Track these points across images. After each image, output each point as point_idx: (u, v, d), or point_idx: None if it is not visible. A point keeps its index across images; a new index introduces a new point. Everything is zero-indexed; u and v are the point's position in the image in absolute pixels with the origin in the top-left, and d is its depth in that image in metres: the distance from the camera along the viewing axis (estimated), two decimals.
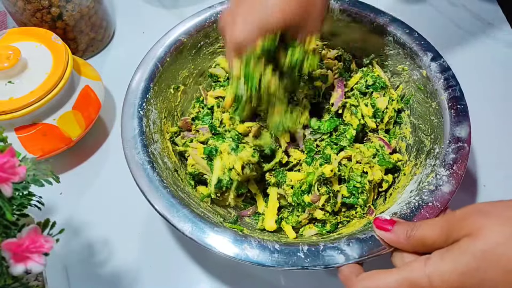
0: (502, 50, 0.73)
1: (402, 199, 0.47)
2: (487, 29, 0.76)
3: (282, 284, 0.52)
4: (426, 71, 0.54)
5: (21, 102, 0.53)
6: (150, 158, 0.48)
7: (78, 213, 0.58)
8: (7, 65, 0.54)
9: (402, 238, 0.38)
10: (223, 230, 0.43)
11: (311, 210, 0.50)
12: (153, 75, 0.55)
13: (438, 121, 0.51)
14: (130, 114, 0.52)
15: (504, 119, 0.65)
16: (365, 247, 0.41)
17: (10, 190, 0.31)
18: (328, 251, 0.41)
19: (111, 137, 0.66)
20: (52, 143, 0.57)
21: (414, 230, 0.37)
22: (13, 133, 0.55)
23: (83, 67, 0.63)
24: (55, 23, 0.68)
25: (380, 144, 0.55)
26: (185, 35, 0.58)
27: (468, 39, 0.75)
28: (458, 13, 0.79)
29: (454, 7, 0.80)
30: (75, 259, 0.54)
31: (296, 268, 0.41)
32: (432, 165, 0.48)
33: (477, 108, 0.64)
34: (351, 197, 0.51)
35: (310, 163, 0.53)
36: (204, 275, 0.53)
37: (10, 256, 0.31)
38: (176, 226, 0.44)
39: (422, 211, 0.43)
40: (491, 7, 0.79)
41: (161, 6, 0.83)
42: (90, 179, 0.61)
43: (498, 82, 0.69)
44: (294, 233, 0.50)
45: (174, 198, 0.46)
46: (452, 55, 0.72)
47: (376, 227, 0.41)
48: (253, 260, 0.41)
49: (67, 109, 0.58)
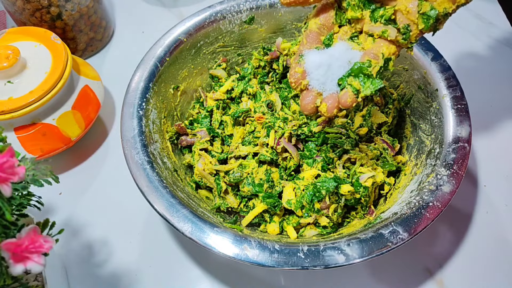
0: (502, 50, 0.73)
1: (403, 199, 0.47)
2: (487, 29, 0.76)
3: (282, 284, 0.52)
4: (426, 70, 0.54)
5: (20, 102, 0.53)
6: (149, 158, 0.48)
7: (78, 213, 0.58)
8: (6, 64, 0.53)
9: None
10: (223, 230, 0.43)
11: (318, 216, 0.50)
12: (152, 75, 0.55)
13: (439, 121, 0.51)
14: (129, 114, 0.51)
15: (505, 119, 0.65)
16: (365, 247, 0.41)
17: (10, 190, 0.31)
18: (328, 251, 0.41)
19: (111, 137, 0.66)
20: (52, 143, 0.57)
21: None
22: (13, 133, 0.55)
23: (83, 66, 0.63)
24: (54, 22, 0.67)
25: (384, 146, 0.55)
26: (185, 35, 0.58)
27: (468, 39, 0.75)
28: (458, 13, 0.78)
29: None
30: (74, 259, 0.54)
31: (296, 268, 0.41)
32: (432, 165, 0.48)
33: (478, 108, 0.64)
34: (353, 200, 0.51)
35: (311, 165, 0.53)
36: (204, 275, 0.53)
37: (9, 256, 0.31)
38: (176, 226, 0.44)
39: (423, 211, 0.43)
40: (491, 7, 0.79)
41: (161, 6, 0.83)
42: (89, 179, 0.61)
43: (498, 82, 0.69)
44: (295, 234, 0.50)
45: (174, 198, 0.45)
46: (452, 55, 0.72)
47: None
48: (253, 260, 0.41)
49: (66, 109, 0.58)
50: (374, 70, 0.39)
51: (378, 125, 0.58)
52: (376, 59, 0.39)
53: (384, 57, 0.39)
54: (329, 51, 0.41)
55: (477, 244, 0.54)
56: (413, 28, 0.39)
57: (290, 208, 0.50)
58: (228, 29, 0.61)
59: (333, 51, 0.41)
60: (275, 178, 0.53)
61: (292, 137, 0.54)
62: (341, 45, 0.41)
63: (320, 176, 0.52)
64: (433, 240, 0.54)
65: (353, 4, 0.40)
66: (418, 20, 0.39)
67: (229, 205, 0.53)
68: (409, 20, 0.39)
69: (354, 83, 0.38)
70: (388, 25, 0.39)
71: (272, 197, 0.51)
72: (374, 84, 0.38)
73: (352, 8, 0.40)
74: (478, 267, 0.53)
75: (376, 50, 0.39)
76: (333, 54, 0.40)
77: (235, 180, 0.53)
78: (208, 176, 0.54)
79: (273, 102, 0.58)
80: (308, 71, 0.41)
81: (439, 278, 0.52)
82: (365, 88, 0.38)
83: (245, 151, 0.55)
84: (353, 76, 0.39)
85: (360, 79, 0.38)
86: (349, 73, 0.39)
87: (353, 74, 0.39)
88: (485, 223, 0.56)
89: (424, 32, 0.40)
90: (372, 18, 0.40)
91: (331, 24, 0.42)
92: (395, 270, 0.52)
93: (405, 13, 0.39)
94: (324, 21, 0.42)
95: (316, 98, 0.40)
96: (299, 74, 0.41)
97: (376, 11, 0.40)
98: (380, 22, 0.40)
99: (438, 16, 0.38)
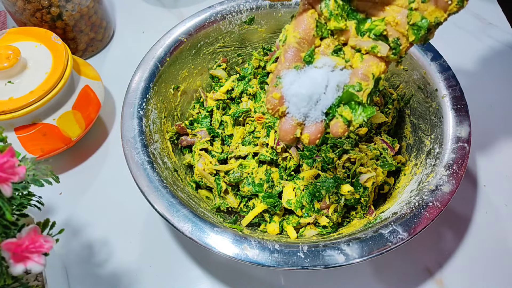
0: (502, 50, 0.73)
1: (402, 199, 0.47)
2: (487, 29, 0.76)
3: (282, 284, 0.52)
4: (426, 71, 0.54)
5: (20, 102, 0.53)
6: (149, 158, 0.48)
7: (78, 213, 0.58)
8: (6, 65, 0.53)
9: None
10: (223, 230, 0.43)
11: (318, 216, 0.50)
12: (153, 75, 0.55)
13: (438, 121, 0.51)
14: (130, 114, 0.52)
15: (504, 119, 0.65)
16: (365, 247, 0.41)
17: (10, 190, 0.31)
18: (328, 251, 0.41)
19: (111, 137, 0.66)
20: (52, 143, 0.57)
21: None
22: (13, 133, 0.55)
23: (83, 67, 0.63)
24: (54, 23, 0.68)
25: (384, 146, 0.55)
26: (185, 35, 0.58)
27: (468, 39, 0.75)
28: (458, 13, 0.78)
29: None
30: (75, 259, 0.54)
31: (296, 268, 0.41)
32: (432, 165, 0.48)
33: (477, 108, 0.64)
34: (353, 200, 0.51)
35: (311, 164, 0.53)
36: (204, 275, 0.53)
37: (9, 256, 0.31)
38: (176, 226, 0.44)
39: (422, 211, 0.43)
40: (491, 7, 0.79)
41: (161, 6, 0.83)
42: (90, 179, 0.61)
43: (498, 82, 0.69)
44: (295, 233, 0.50)
45: (174, 198, 0.46)
46: (452, 55, 0.72)
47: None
48: (253, 260, 0.41)
49: (66, 109, 0.58)
50: (365, 94, 0.35)
51: (378, 125, 0.58)
52: (367, 81, 0.35)
53: (374, 78, 0.36)
54: (311, 73, 0.36)
55: (477, 244, 0.54)
56: (403, 41, 0.36)
57: (290, 208, 0.50)
58: (228, 29, 0.61)
59: (316, 74, 0.36)
60: (275, 178, 0.53)
61: None
62: (324, 62, 0.36)
63: (320, 176, 0.52)
64: (433, 240, 0.54)
65: (336, 14, 0.36)
66: (408, 32, 0.35)
67: (229, 205, 0.53)
68: (399, 33, 0.36)
69: (345, 113, 0.35)
70: (378, 41, 0.35)
71: (272, 197, 0.51)
72: (366, 112, 0.35)
73: (335, 18, 0.36)
74: (478, 267, 0.53)
75: (365, 70, 0.36)
76: (315, 78, 0.36)
77: (235, 180, 0.53)
78: (208, 176, 0.54)
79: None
80: (287, 98, 0.36)
81: (439, 278, 0.52)
82: (357, 117, 0.35)
83: (245, 151, 0.55)
84: (343, 105, 0.35)
85: (350, 107, 0.35)
86: (339, 101, 0.35)
87: (343, 102, 0.35)
88: (485, 223, 0.56)
89: (413, 43, 0.36)
90: (359, 30, 0.36)
91: (311, 37, 0.37)
92: (395, 270, 0.52)
93: (393, 25, 0.35)
94: (304, 34, 0.37)
95: (296, 128, 0.36)
96: (276, 100, 0.36)
97: (362, 23, 0.36)
98: (369, 36, 0.36)
99: (430, 26, 0.35)
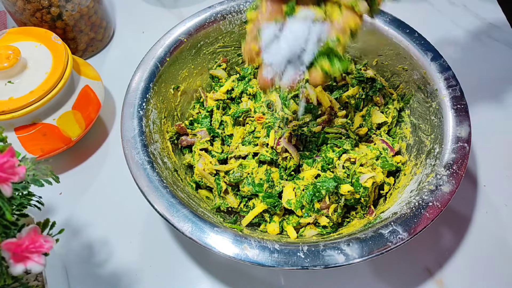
0: (502, 50, 0.73)
1: (402, 199, 0.47)
2: (487, 29, 0.76)
3: (282, 284, 0.52)
4: (426, 71, 0.54)
5: (20, 102, 0.53)
6: (149, 158, 0.48)
7: (78, 213, 0.58)
8: (6, 65, 0.53)
9: None
10: (223, 230, 0.43)
11: (318, 216, 0.50)
12: (153, 75, 0.55)
13: (438, 121, 0.51)
14: (130, 114, 0.52)
15: (504, 119, 0.65)
16: (365, 247, 0.41)
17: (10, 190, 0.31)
18: (328, 251, 0.41)
19: (111, 137, 0.66)
20: (52, 143, 0.57)
21: None
22: (13, 133, 0.55)
23: (83, 67, 0.63)
24: (54, 23, 0.68)
25: (384, 146, 0.55)
26: (185, 35, 0.58)
27: (468, 39, 0.75)
28: (458, 13, 0.79)
29: (454, 7, 0.80)
30: (75, 259, 0.54)
31: (296, 268, 0.41)
32: (432, 165, 0.48)
33: (477, 108, 0.64)
34: (353, 200, 0.51)
35: (311, 165, 0.53)
36: (204, 275, 0.53)
37: (9, 256, 0.31)
38: (176, 226, 0.44)
39: (422, 211, 0.43)
40: (491, 7, 0.79)
41: (161, 6, 0.83)
42: (89, 179, 0.61)
43: (498, 82, 0.69)
44: (295, 233, 0.50)
45: (174, 198, 0.46)
46: (452, 55, 0.72)
47: None
48: (253, 260, 0.41)
49: (66, 109, 0.58)
50: (342, 47, 0.38)
51: (378, 125, 0.58)
52: (344, 34, 0.38)
53: (351, 31, 0.38)
54: (292, 26, 0.38)
55: (477, 244, 0.54)
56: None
57: (290, 208, 0.50)
58: (228, 29, 0.61)
59: (297, 27, 0.38)
60: (275, 178, 0.53)
61: (292, 137, 0.54)
62: (305, 14, 0.38)
63: (320, 176, 0.52)
64: (433, 240, 0.54)
65: None
66: None
67: (229, 205, 0.53)
68: None
69: (324, 65, 0.38)
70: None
71: (272, 197, 0.51)
72: (343, 65, 0.38)
73: None
74: (478, 267, 0.53)
75: (344, 23, 0.37)
76: (296, 31, 0.38)
77: (235, 180, 0.53)
78: (208, 176, 0.54)
79: (273, 102, 0.58)
80: (265, 51, 0.39)
81: (439, 278, 0.52)
82: (334, 69, 0.38)
83: (245, 151, 0.55)
84: (322, 56, 0.38)
85: (329, 59, 0.38)
86: (319, 53, 0.38)
87: (322, 54, 0.38)
88: (485, 223, 0.56)
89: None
90: None
91: None
92: (395, 270, 0.52)
93: None
94: None
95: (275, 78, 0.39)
96: (254, 52, 0.38)
97: None
98: None
99: None
